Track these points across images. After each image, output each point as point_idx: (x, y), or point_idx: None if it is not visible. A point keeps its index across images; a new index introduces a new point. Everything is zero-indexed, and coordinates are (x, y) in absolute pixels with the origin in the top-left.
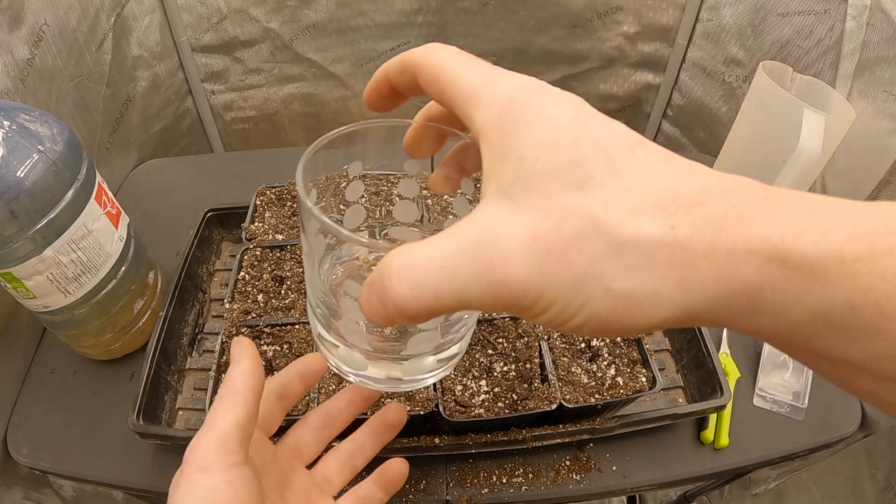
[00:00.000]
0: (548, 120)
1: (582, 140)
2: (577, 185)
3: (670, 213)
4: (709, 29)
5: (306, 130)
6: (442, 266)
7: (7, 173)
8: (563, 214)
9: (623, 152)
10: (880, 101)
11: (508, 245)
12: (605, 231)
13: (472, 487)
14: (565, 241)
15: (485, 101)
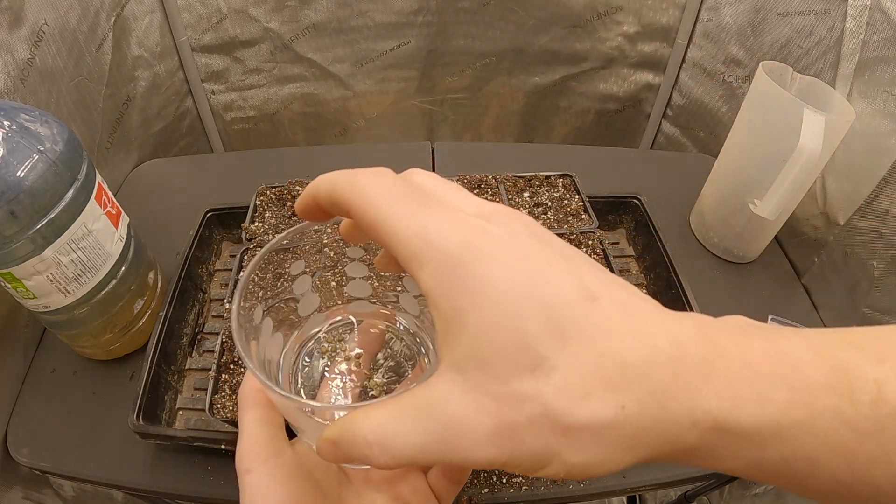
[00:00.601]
0: (494, 291)
1: (530, 313)
2: (529, 368)
3: (619, 391)
4: (709, 29)
5: (306, 130)
6: (415, 445)
7: (7, 173)
8: (517, 401)
9: (571, 320)
10: (880, 101)
11: (469, 427)
12: (557, 419)
13: (472, 487)
14: (521, 427)
15: (427, 264)
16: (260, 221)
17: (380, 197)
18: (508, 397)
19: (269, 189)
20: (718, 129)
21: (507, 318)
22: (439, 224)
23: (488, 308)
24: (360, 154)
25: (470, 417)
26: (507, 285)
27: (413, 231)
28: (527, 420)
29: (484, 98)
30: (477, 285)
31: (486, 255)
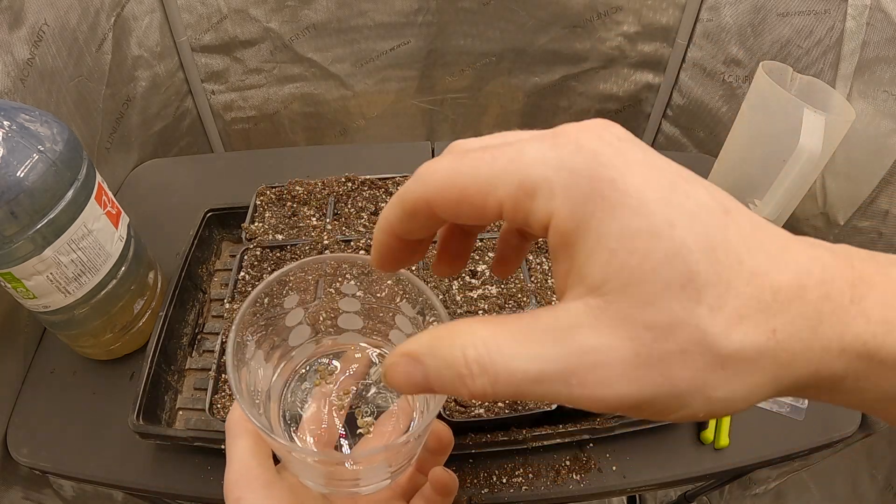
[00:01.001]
0: (633, 199)
1: (678, 221)
2: (680, 284)
3: (772, 314)
4: (709, 29)
5: (306, 130)
6: (527, 371)
7: (7, 173)
8: (667, 325)
9: (718, 233)
10: (880, 101)
11: (608, 361)
12: (712, 345)
13: (472, 487)
14: (670, 356)
15: (542, 190)
16: (260, 221)
17: (453, 162)
18: (657, 321)
19: (269, 189)
20: (718, 129)
21: (654, 226)
22: (550, 147)
23: (630, 216)
24: (360, 154)
25: (607, 345)
26: (649, 193)
27: (520, 161)
28: (678, 348)
29: (484, 98)
30: (615, 195)
31: (617, 167)
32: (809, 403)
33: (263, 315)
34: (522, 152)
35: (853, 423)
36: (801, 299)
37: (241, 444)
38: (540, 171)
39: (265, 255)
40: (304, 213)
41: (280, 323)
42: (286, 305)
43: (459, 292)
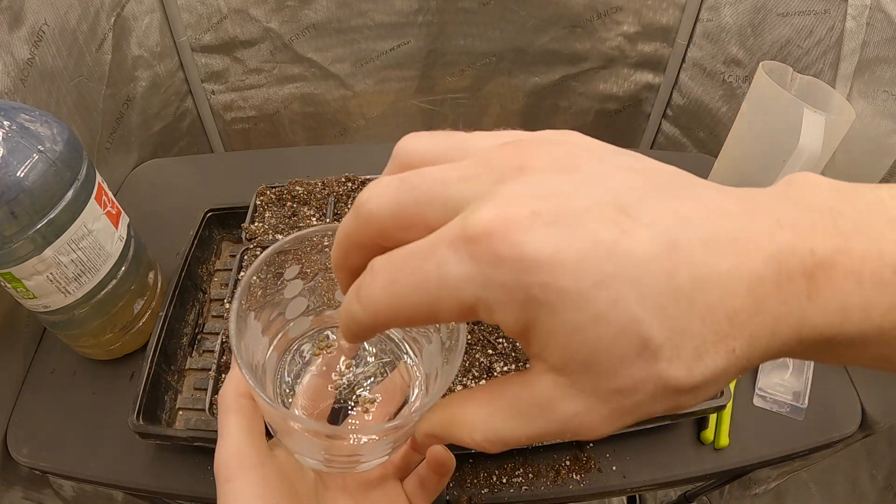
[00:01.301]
0: (570, 294)
1: (620, 296)
2: (637, 354)
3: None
4: (709, 29)
5: (306, 130)
6: (530, 436)
7: (7, 173)
8: (631, 388)
9: (665, 284)
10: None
11: (590, 420)
12: (677, 386)
13: (472, 487)
14: (642, 404)
15: (479, 306)
16: (260, 221)
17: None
18: (622, 386)
19: (269, 189)
20: (718, 129)
21: (597, 313)
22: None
23: (572, 312)
24: (360, 154)
25: (585, 409)
26: (584, 280)
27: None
28: (648, 397)
29: (484, 98)
30: (551, 297)
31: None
32: (809, 403)
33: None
34: (446, 274)
35: (853, 423)
36: (759, 313)
37: (233, 421)
38: (470, 292)
39: None
40: (304, 213)
41: (279, 295)
42: (287, 276)
43: None
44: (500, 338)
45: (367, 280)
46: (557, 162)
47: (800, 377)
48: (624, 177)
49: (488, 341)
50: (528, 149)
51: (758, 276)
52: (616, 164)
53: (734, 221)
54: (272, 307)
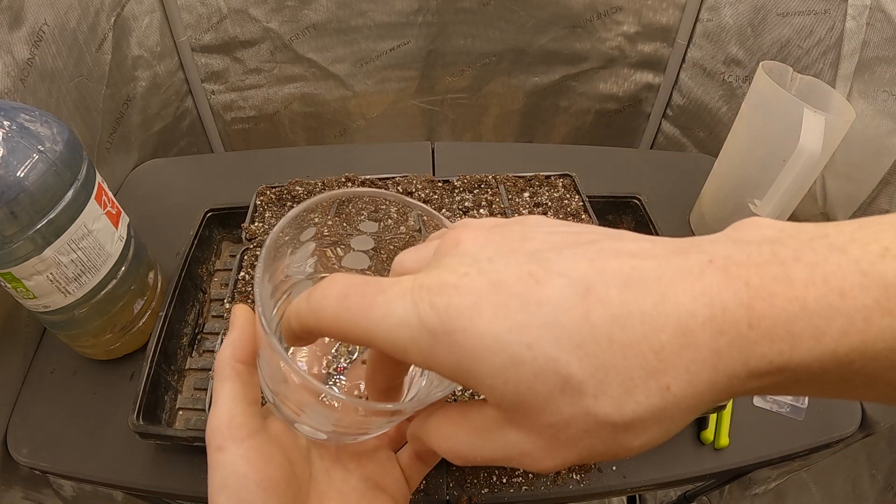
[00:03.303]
0: (487, 339)
1: (534, 340)
2: (560, 390)
3: (660, 374)
4: (709, 29)
5: (306, 130)
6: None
7: (7, 173)
8: (563, 424)
9: (581, 324)
10: (880, 101)
11: (531, 451)
12: (609, 422)
13: (472, 487)
14: (577, 438)
15: (412, 349)
16: (260, 221)
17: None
18: (552, 422)
19: (269, 189)
20: (718, 129)
21: (514, 356)
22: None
23: (491, 357)
24: (360, 154)
25: (524, 440)
26: (499, 325)
27: (389, 321)
28: (579, 432)
29: (484, 98)
30: (471, 342)
31: (465, 313)
32: (809, 403)
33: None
34: (391, 310)
35: (853, 423)
36: (690, 346)
37: (227, 387)
38: (406, 334)
39: None
40: None
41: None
42: (303, 237)
43: None
44: None
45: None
46: (491, 235)
47: None
48: (548, 239)
49: None
50: (466, 229)
51: (687, 310)
52: (547, 230)
53: (659, 263)
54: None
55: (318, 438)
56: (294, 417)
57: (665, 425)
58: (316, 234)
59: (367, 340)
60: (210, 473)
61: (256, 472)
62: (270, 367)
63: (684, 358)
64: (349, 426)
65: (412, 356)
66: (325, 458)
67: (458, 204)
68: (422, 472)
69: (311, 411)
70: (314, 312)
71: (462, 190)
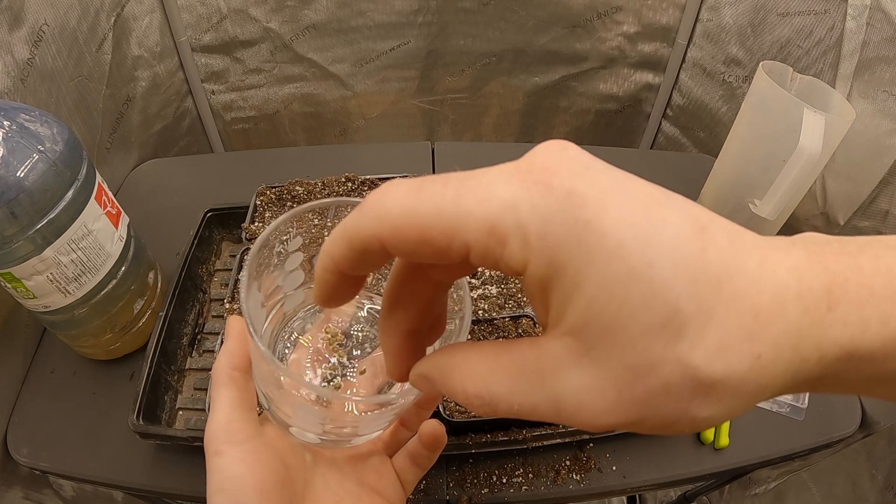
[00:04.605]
0: (610, 240)
1: (655, 258)
2: (662, 326)
3: (755, 339)
4: (709, 29)
5: (306, 130)
6: (521, 403)
7: (7, 173)
8: (649, 367)
9: (697, 259)
10: (880, 101)
11: (591, 398)
12: (695, 376)
13: (472, 487)
14: (653, 392)
15: (513, 237)
16: (260, 221)
17: (410, 197)
18: (638, 362)
19: (269, 189)
20: (718, 129)
21: (631, 269)
22: (520, 187)
23: (607, 261)
24: (360, 154)
25: (590, 386)
26: (625, 231)
27: (489, 204)
28: (661, 385)
29: (484, 98)
30: (592, 238)
31: (591, 205)
32: (809, 403)
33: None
34: (491, 192)
35: (853, 423)
36: (782, 319)
37: (224, 394)
38: (511, 218)
39: None
40: None
41: (280, 266)
42: (290, 247)
43: None
44: (500, 338)
45: (378, 193)
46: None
47: None
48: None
49: None
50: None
51: (782, 281)
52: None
53: (752, 234)
54: (273, 279)
55: (311, 442)
56: (288, 422)
57: (738, 401)
58: (303, 244)
59: (453, 232)
60: (208, 477)
61: (253, 475)
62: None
63: (776, 329)
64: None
65: (511, 248)
66: (321, 463)
67: None
68: (417, 476)
69: (301, 412)
70: (376, 217)
71: None
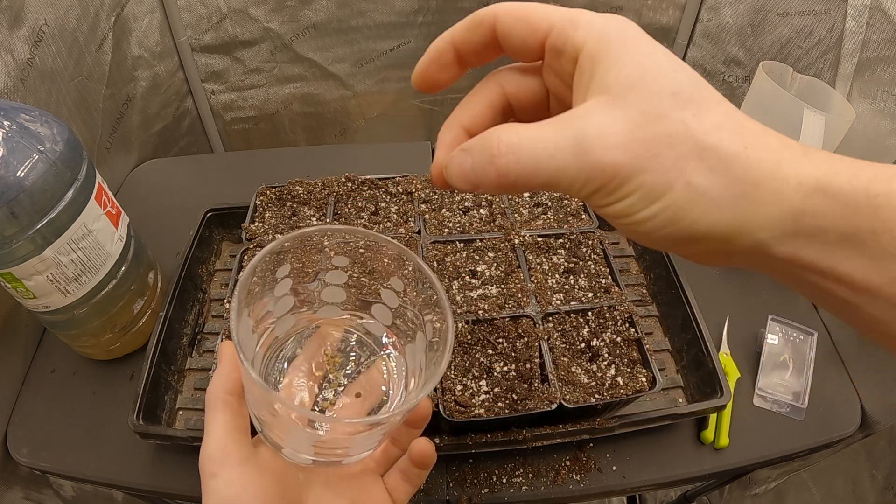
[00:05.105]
0: (647, 49)
1: (678, 69)
2: (673, 93)
3: (744, 136)
4: (709, 29)
5: (306, 130)
6: (545, 146)
7: (7, 173)
8: (659, 115)
9: (705, 88)
10: (880, 101)
11: (609, 132)
12: (694, 135)
13: (472, 487)
14: (659, 137)
15: (583, 24)
16: (260, 221)
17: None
18: (651, 110)
19: (269, 189)
20: None
21: (656, 61)
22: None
23: (641, 52)
24: (360, 154)
25: (610, 121)
26: (661, 55)
27: (562, 9)
28: (665, 131)
29: None
30: (634, 43)
31: (639, 35)
32: (809, 403)
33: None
34: (578, 11)
35: (853, 422)
36: (767, 136)
37: (219, 419)
38: (587, 17)
39: None
40: (304, 213)
41: (269, 292)
42: (278, 274)
43: (459, 292)
44: (500, 338)
45: None
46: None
47: (800, 377)
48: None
49: (488, 341)
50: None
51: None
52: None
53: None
54: (263, 304)
55: (304, 463)
56: (281, 444)
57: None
58: (291, 270)
59: (545, 17)
60: (203, 498)
61: (248, 496)
62: (254, 398)
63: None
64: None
65: (580, 31)
66: (314, 483)
67: (458, 204)
68: (408, 493)
69: (294, 435)
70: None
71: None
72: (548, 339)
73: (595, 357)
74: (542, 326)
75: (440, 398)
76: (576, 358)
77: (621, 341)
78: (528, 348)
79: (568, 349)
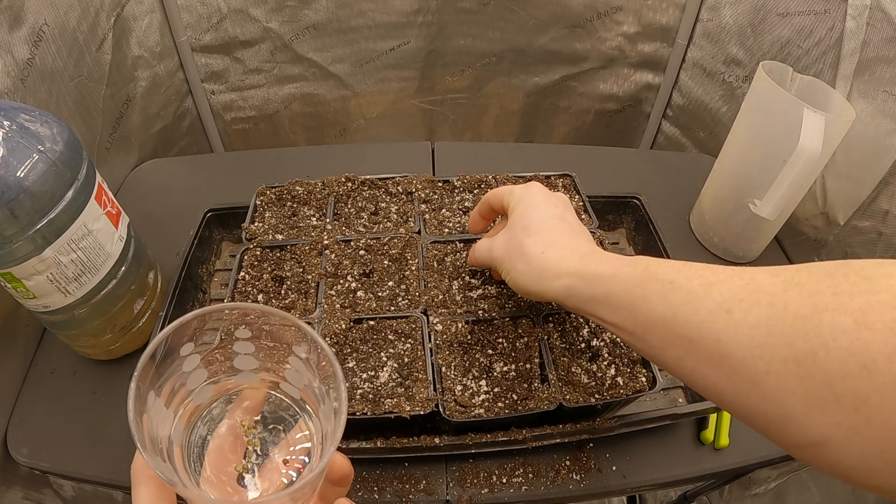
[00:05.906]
0: (530, 205)
1: (534, 219)
2: (524, 227)
3: (545, 246)
4: (709, 29)
5: (306, 130)
6: (482, 251)
7: (7, 173)
8: (514, 237)
9: (548, 222)
10: (880, 101)
11: (498, 244)
12: (521, 246)
13: (472, 487)
14: (512, 248)
15: (514, 194)
16: (260, 221)
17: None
18: (512, 235)
19: (269, 189)
20: (718, 129)
21: (535, 208)
22: (518, 192)
23: (524, 217)
24: (360, 154)
25: (501, 240)
26: (533, 211)
27: (508, 192)
28: (514, 245)
29: (484, 98)
30: (524, 209)
31: (529, 205)
32: None
33: (162, 364)
34: (511, 188)
35: None
36: (561, 247)
37: (143, 492)
38: (517, 192)
39: (265, 255)
40: (304, 213)
41: (177, 370)
42: (182, 353)
43: (459, 292)
44: (500, 338)
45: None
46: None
47: None
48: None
49: (488, 341)
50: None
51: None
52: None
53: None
54: (173, 381)
55: None
56: None
57: (530, 270)
58: (195, 347)
59: (503, 204)
60: None
61: None
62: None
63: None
64: None
65: (511, 203)
66: None
67: (458, 204)
68: None
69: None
70: (484, 201)
71: (462, 190)
72: (548, 338)
73: (595, 357)
74: (542, 326)
75: (440, 398)
76: (576, 358)
77: (621, 341)
78: (527, 348)
79: (568, 349)
